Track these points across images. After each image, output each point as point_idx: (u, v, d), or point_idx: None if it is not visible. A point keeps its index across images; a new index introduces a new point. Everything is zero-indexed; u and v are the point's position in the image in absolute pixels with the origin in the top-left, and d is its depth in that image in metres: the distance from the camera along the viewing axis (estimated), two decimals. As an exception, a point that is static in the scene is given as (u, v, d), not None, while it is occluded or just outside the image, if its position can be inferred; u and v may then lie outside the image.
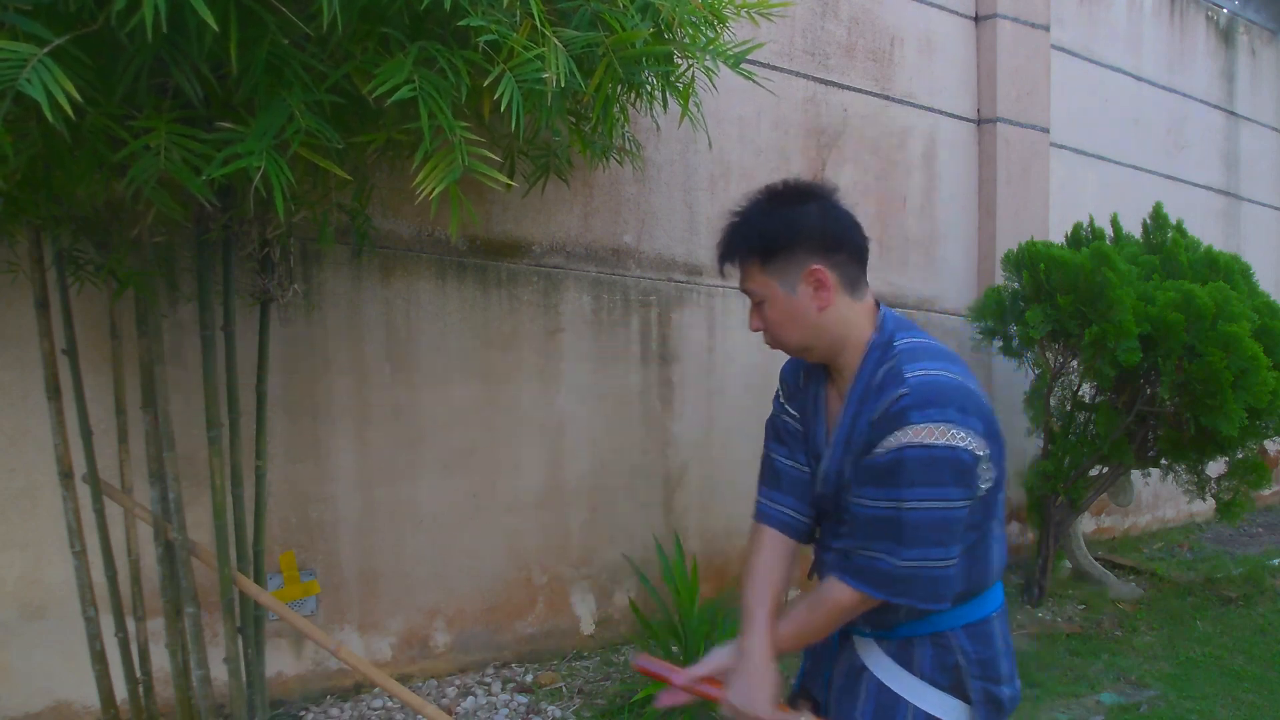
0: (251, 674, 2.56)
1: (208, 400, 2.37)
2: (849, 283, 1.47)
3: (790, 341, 1.51)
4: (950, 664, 1.47)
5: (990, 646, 1.50)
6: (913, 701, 1.47)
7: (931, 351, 1.44)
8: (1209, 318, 3.71)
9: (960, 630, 1.48)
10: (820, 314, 1.46)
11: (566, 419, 3.53)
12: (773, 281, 1.46)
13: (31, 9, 1.43)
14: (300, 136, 1.67)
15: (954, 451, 1.33)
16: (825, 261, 1.44)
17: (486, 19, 1.67)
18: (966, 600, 1.49)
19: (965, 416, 1.35)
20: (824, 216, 1.46)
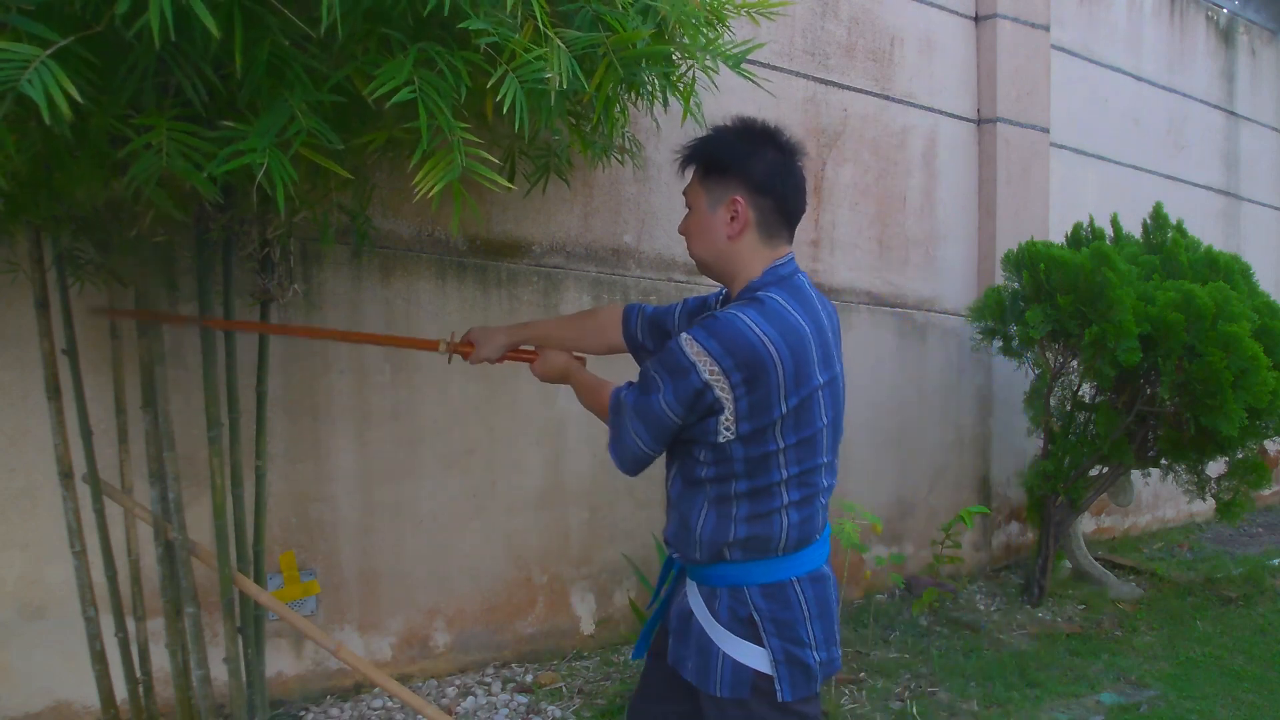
0: (251, 674, 2.56)
1: (208, 400, 2.37)
2: (764, 227, 1.62)
3: (695, 252, 1.70)
4: (744, 616, 1.59)
5: (789, 609, 1.60)
6: (722, 648, 1.59)
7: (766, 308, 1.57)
8: (1209, 318, 3.71)
9: (755, 587, 1.60)
10: (727, 241, 1.63)
11: (566, 419, 3.53)
12: (702, 194, 1.65)
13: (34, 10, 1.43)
14: (302, 137, 1.68)
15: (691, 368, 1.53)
16: (749, 199, 1.60)
17: (488, 21, 1.67)
18: (757, 558, 1.60)
19: (725, 355, 1.51)
20: (768, 164, 1.61)
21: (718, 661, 1.59)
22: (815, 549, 1.65)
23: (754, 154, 1.61)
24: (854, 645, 3.75)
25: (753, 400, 1.52)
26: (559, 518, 3.56)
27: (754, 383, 1.51)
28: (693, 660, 1.63)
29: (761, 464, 1.56)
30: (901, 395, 4.51)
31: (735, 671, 1.58)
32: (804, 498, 1.61)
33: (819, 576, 1.64)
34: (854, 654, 3.66)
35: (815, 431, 1.59)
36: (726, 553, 1.60)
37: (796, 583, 1.61)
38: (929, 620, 4.09)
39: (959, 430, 4.75)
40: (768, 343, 1.51)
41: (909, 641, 3.82)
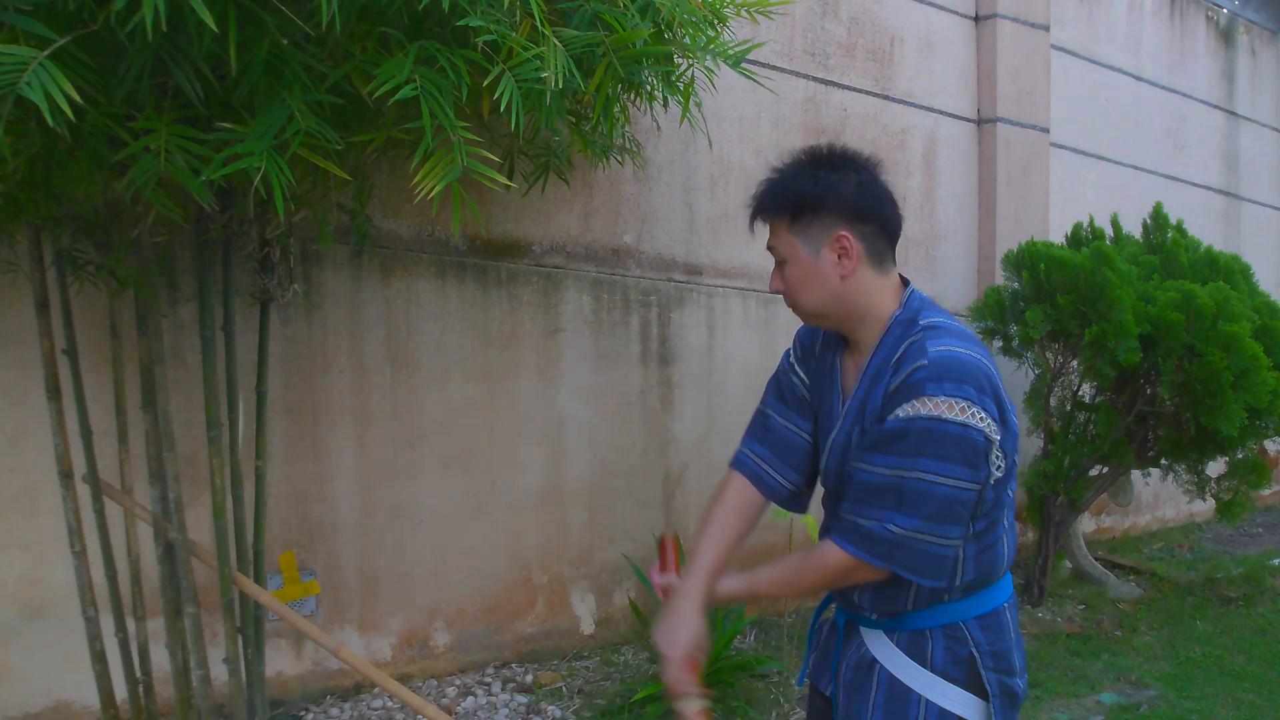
0: (251, 674, 2.56)
1: (208, 400, 2.37)
2: (875, 255, 1.46)
3: (807, 305, 1.49)
4: (964, 656, 1.44)
5: (1003, 638, 1.47)
6: (925, 695, 1.44)
7: (956, 331, 1.42)
8: (1209, 318, 3.71)
9: (973, 621, 1.46)
10: (841, 282, 1.45)
11: (566, 419, 3.53)
12: (798, 242, 1.46)
13: (31, 9, 1.43)
14: (300, 137, 1.67)
15: (965, 429, 1.32)
16: (853, 230, 1.43)
17: (486, 19, 1.67)
18: (977, 591, 1.47)
19: (982, 397, 1.34)
20: (859, 185, 1.45)
21: (919, 710, 1.43)
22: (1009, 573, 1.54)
23: (839, 182, 1.45)
24: (854, 645, 3.74)
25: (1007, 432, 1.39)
26: (559, 518, 3.56)
27: (1003, 412, 1.38)
28: (879, 713, 1.46)
29: (996, 497, 1.42)
30: (901, 395, 4.50)
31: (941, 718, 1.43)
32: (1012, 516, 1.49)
33: (1015, 600, 1.55)
34: (854, 654, 3.65)
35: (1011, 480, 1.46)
36: (946, 595, 1.46)
37: (1007, 608, 1.50)
38: (929, 620, 4.08)
39: (959, 430, 4.74)
40: (989, 366, 1.38)
41: (909, 641, 3.82)
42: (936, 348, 1.37)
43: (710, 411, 3.91)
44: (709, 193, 3.88)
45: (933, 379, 1.33)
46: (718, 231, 3.91)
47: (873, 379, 1.45)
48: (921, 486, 1.34)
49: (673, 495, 3.82)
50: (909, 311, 1.46)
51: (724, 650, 3.15)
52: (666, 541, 1.65)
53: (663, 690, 1.61)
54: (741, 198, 3.97)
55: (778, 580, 1.49)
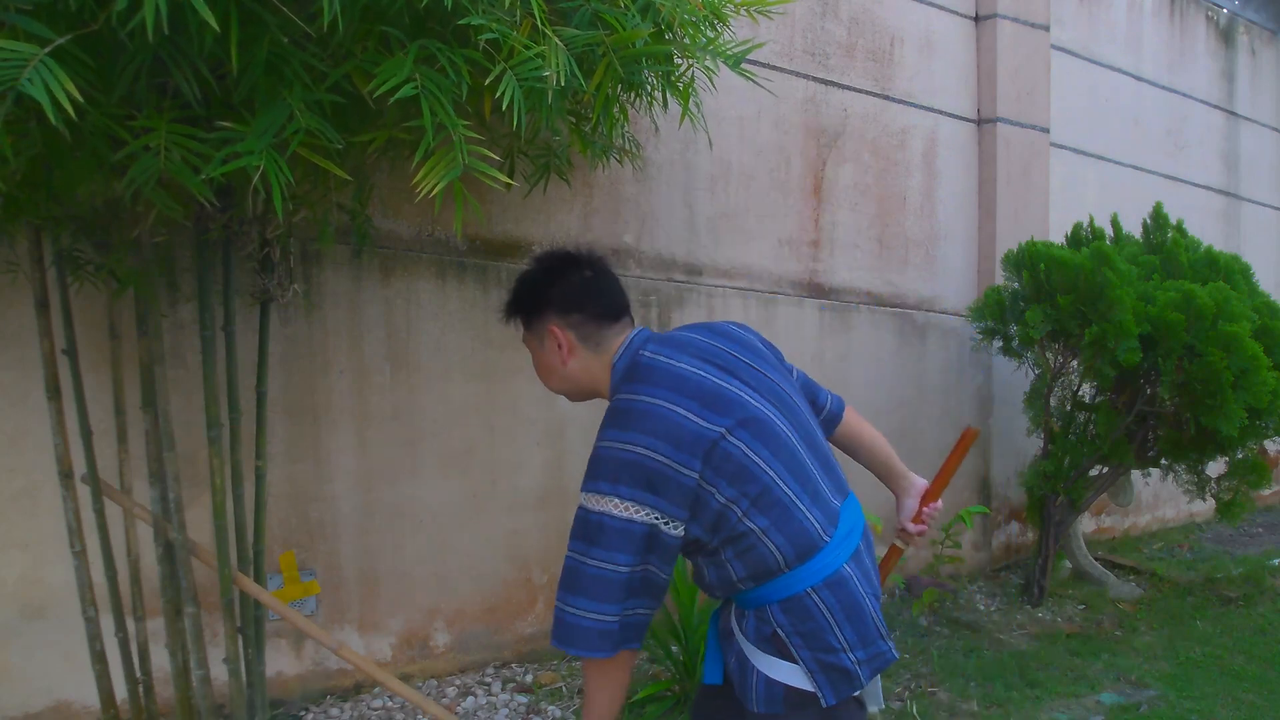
0: (251, 674, 2.56)
1: (208, 400, 2.37)
2: (587, 340, 1.70)
3: (551, 387, 1.80)
4: (768, 634, 1.60)
5: (810, 619, 1.59)
6: (756, 665, 1.61)
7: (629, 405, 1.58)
8: (1209, 318, 3.71)
9: (775, 604, 1.60)
10: (564, 366, 1.72)
11: (566, 419, 3.53)
12: (532, 337, 1.76)
13: (32, 9, 1.43)
14: (300, 136, 1.67)
15: (589, 514, 1.52)
16: (561, 322, 1.69)
17: (487, 18, 1.66)
18: (768, 580, 1.60)
19: (596, 483, 1.52)
20: (564, 287, 1.70)
21: (753, 678, 1.62)
22: (824, 555, 1.61)
23: (546, 286, 1.71)
24: (854, 645, 3.74)
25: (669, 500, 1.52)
26: (559, 518, 3.56)
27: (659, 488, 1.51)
28: (735, 677, 1.67)
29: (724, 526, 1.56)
30: (901, 395, 4.51)
31: (768, 687, 1.60)
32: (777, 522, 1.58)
33: (836, 580, 1.60)
34: (854, 654, 3.65)
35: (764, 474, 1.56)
36: (740, 586, 1.63)
37: (813, 592, 1.59)
38: (929, 620, 4.09)
39: (959, 430, 4.73)
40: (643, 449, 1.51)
41: (909, 641, 3.82)
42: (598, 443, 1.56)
43: (710, 411, 3.90)
44: (709, 193, 3.88)
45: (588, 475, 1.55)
46: (718, 231, 3.91)
47: None
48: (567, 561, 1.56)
49: (673, 495, 3.82)
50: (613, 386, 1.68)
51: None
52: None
53: (663, 689, 1.72)
54: (742, 198, 3.98)
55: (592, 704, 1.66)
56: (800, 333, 4.15)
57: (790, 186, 4.11)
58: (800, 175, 4.14)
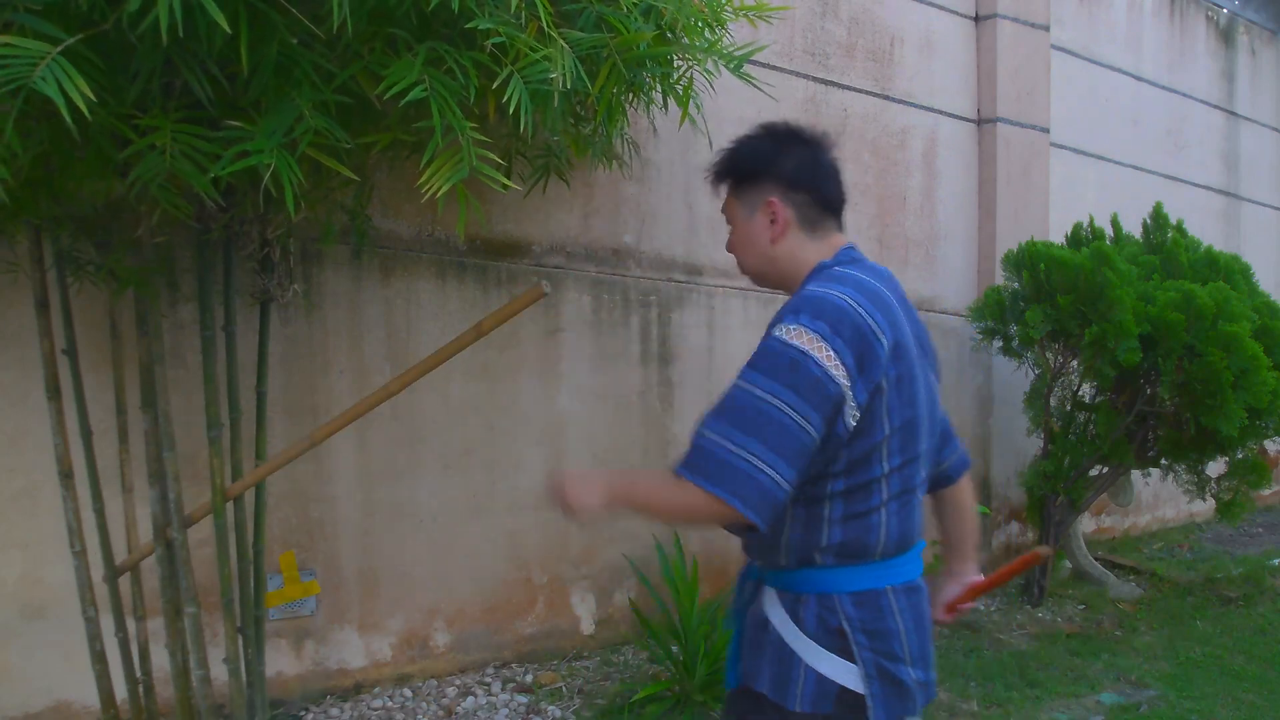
0: (251, 674, 2.56)
1: (208, 400, 2.37)
2: (806, 223, 1.55)
3: (744, 264, 1.63)
4: (834, 627, 1.45)
5: (882, 619, 1.46)
6: (805, 660, 1.45)
7: (851, 281, 1.46)
8: (1209, 318, 3.71)
9: (846, 595, 1.46)
10: (771, 245, 1.56)
11: (566, 419, 3.53)
12: (739, 206, 1.60)
13: (42, 9, 1.43)
14: (309, 136, 1.68)
15: (804, 357, 1.35)
16: (783, 197, 1.54)
17: (494, 20, 1.67)
18: (850, 563, 1.46)
19: (835, 337, 1.36)
20: (797, 158, 1.55)
21: (799, 673, 1.44)
22: (912, 557, 1.54)
23: (780, 153, 1.55)
24: (854, 645, 3.74)
25: (864, 380, 1.37)
26: (559, 518, 3.55)
27: (863, 360, 1.37)
28: (772, 669, 1.48)
29: (864, 459, 1.42)
30: (901, 395, 4.50)
31: (819, 684, 1.43)
32: (903, 492, 1.48)
33: (914, 588, 1.53)
34: (854, 654, 3.66)
35: (915, 414, 1.46)
36: (817, 557, 1.46)
37: (891, 592, 1.48)
38: (929, 620, 4.09)
39: (959, 430, 4.73)
40: (863, 312, 1.39)
41: (909, 641, 3.82)
42: (814, 288, 1.44)
43: (710, 411, 3.90)
44: (709, 193, 3.87)
45: (790, 310, 1.41)
46: (718, 231, 3.91)
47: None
48: (742, 395, 1.36)
49: (673, 495, 3.82)
50: (834, 260, 1.54)
51: (724, 650, 3.14)
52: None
53: (663, 690, 1.64)
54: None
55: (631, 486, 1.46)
56: (800, 333, 4.15)
57: (790, 186, 4.11)
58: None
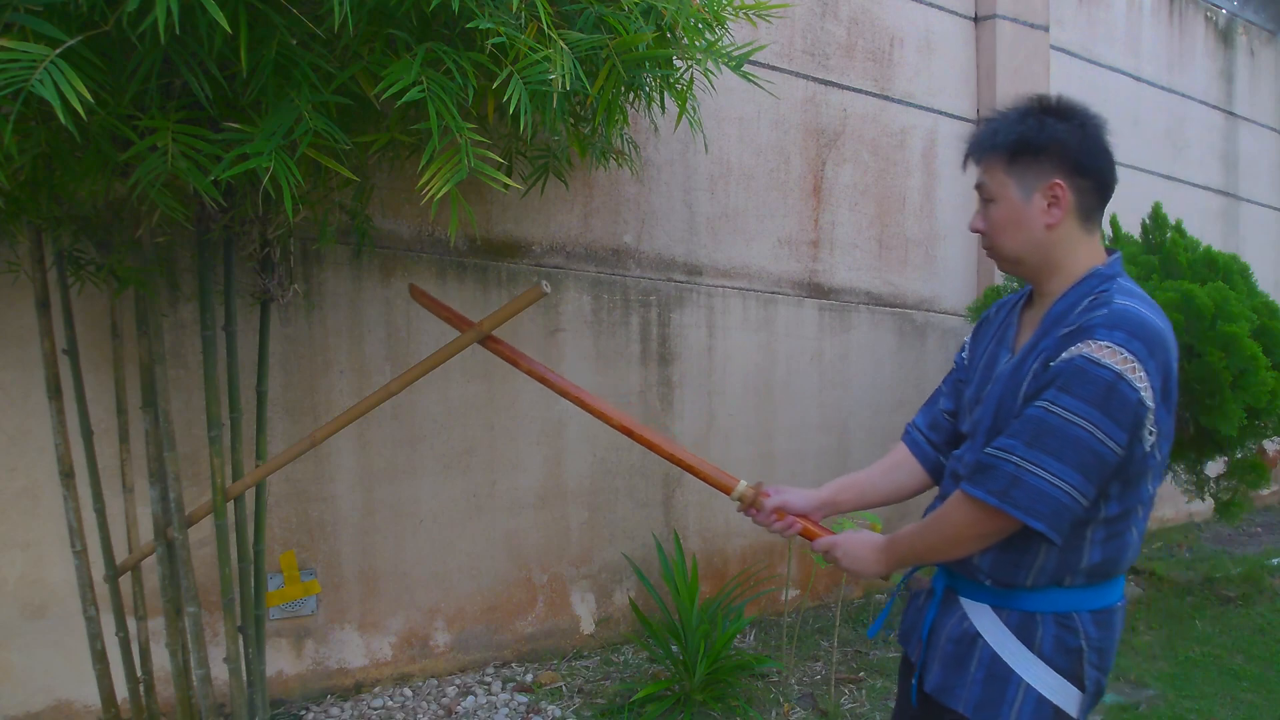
0: (252, 673, 2.57)
1: (208, 400, 2.37)
2: (1084, 211, 1.45)
3: (1005, 248, 1.48)
4: (1073, 647, 1.42)
5: (1111, 636, 1.46)
6: (1026, 679, 1.42)
7: (1146, 299, 1.39)
8: (1208, 318, 3.71)
9: (1087, 614, 1.44)
10: (1046, 231, 1.44)
11: (566, 419, 3.54)
12: (1011, 182, 1.45)
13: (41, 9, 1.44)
14: (309, 137, 1.68)
15: (1119, 378, 1.28)
16: (1069, 181, 1.43)
17: (494, 21, 1.67)
18: (1097, 583, 1.44)
19: (1149, 359, 1.30)
20: (1084, 139, 1.44)
21: (1016, 694, 1.41)
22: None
23: (1064, 131, 1.43)
24: (854, 645, 3.75)
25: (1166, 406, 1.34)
26: (559, 518, 3.56)
27: (1166, 385, 1.34)
28: (976, 689, 1.44)
29: (1137, 480, 1.39)
30: (901, 395, 4.51)
31: (1038, 707, 1.41)
32: (1148, 513, 1.46)
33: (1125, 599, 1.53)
34: (854, 653, 3.67)
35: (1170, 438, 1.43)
36: (1068, 579, 1.43)
37: (1120, 608, 1.49)
38: (928, 620, 4.09)
39: (958, 430, 4.74)
40: (1168, 335, 1.34)
41: (908, 641, 3.82)
42: (1123, 301, 1.35)
43: (710, 411, 3.91)
44: (709, 193, 3.88)
45: (1105, 325, 1.31)
46: (718, 231, 3.92)
47: (1054, 320, 1.43)
48: (1058, 423, 1.31)
49: (673, 495, 3.83)
50: (1110, 269, 1.44)
51: (723, 650, 3.15)
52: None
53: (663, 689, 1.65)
54: (742, 198, 3.98)
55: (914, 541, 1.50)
56: (800, 333, 4.16)
57: (790, 187, 4.11)
58: (800, 175, 4.14)
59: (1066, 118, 1.45)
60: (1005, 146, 1.45)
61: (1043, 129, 1.43)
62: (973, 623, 1.48)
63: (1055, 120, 1.44)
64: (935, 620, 1.56)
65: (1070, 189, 1.42)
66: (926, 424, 1.71)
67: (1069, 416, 1.30)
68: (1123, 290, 1.39)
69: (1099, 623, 1.44)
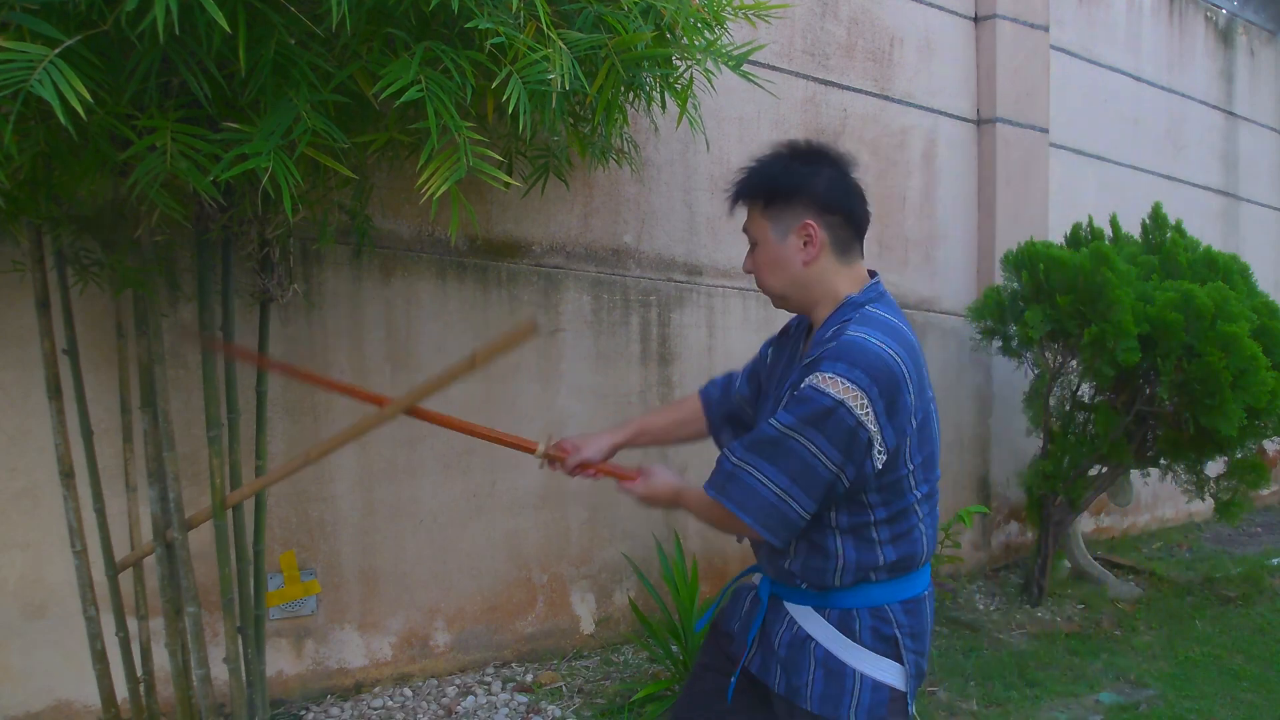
0: (252, 673, 2.57)
1: (208, 400, 2.37)
2: (839, 245, 1.57)
3: (771, 286, 1.62)
4: (888, 635, 1.56)
5: (921, 621, 1.60)
6: (858, 668, 1.55)
7: (885, 325, 1.51)
8: (1208, 318, 3.71)
9: (898, 605, 1.58)
10: (803, 267, 1.56)
11: (566, 419, 3.54)
12: (768, 226, 1.58)
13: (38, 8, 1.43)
14: (307, 137, 1.68)
15: (839, 405, 1.42)
16: (819, 219, 1.54)
17: (493, 20, 1.67)
18: (900, 576, 1.58)
19: (871, 386, 1.43)
20: (829, 179, 1.56)
21: (853, 684, 1.53)
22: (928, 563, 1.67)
23: (810, 174, 1.55)
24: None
25: (893, 425, 1.47)
26: (559, 518, 3.56)
27: (893, 407, 1.46)
28: (818, 686, 1.55)
29: (894, 489, 1.52)
30: (901, 395, 4.51)
31: (875, 692, 1.53)
32: (930, 510, 1.60)
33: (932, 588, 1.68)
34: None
35: (934, 448, 1.58)
36: (873, 575, 1.56)
37: (926, 597, 1.63)
38: (928, 620, 4.09)
39: (958, 430, 4.75)
40: (898, 360, 1.46)
41: (908, 641, 3.82)
42: (853, 332, 1.48)
43: (710, 411, 3.91)
44: (709, 193, 3.88)
45: (830, 357, 1.45)
46: (718, 231, 3.92)
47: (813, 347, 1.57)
48: (772, 433, 1.47)
49: (672, 495, 3.82)
50: (862, 296, 1.56)
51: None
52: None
53: (663, 689, 1.70)
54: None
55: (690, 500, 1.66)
56: (800, 333, 4.15)
57: (790, 186, 4.11)
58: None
59: (813, 161, 1.57)
60: (760, 193, 1.58)
61: (790, 174, 1.56)
62: (802, 626, 1.60)
63: (801, 165, 1.57)
64: (765, 624, 1.67)
65: (822, 226, 1.54)
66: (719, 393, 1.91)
67: (785, 430, 1.45)
68: (863, 319, 1.51)
69: (908, 611, 1.58)
